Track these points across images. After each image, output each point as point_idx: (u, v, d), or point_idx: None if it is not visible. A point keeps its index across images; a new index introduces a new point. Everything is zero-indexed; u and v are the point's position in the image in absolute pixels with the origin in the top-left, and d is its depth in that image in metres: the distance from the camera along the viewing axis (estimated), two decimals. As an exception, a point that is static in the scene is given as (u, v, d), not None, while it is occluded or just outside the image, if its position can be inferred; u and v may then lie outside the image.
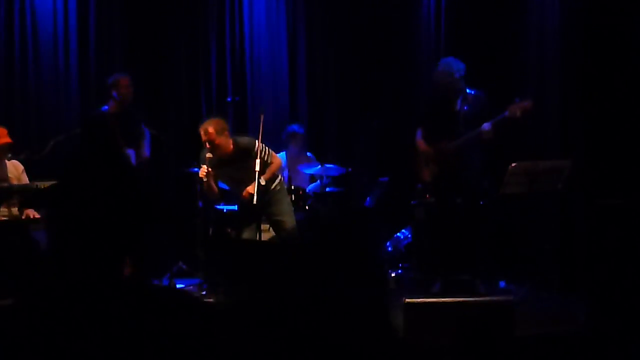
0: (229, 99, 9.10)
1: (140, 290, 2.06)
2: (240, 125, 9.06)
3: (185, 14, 9.53)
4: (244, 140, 7.31)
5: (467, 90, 7.54)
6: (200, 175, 7.16)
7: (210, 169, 7.10)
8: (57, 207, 2.03)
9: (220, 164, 7.19)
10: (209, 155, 7.08)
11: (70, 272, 2.01)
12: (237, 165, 7.22)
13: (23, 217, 7.29)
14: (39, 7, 8.97)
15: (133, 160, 8.00)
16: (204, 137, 7.11)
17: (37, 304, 2.00)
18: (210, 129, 7.09)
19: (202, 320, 2.03)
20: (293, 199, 7.99)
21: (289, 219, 7.36)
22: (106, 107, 8.06)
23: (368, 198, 9.06)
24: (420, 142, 7.70)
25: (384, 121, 9.21)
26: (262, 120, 7.35)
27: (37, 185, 7.05)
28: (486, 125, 7.30)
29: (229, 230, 8.26)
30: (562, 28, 8.14)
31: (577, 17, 8.00)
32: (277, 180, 7.44)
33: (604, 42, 7.71)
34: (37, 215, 7.30)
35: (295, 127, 8.91)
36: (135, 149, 8.07)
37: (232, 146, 7.20)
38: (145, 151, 8.20)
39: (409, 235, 8.77)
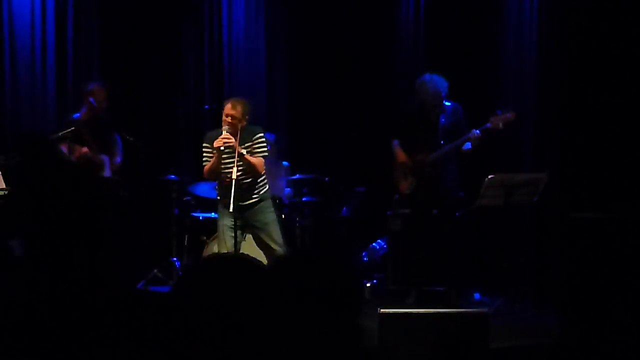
0: (206, 107, 9.07)
1: (118, 294, 2.07)
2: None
3: (164, 22, 9.50)
4: (255, 127, 7.27)
5: (444, 102, 7.57)
6: (218, 144, 6.94)
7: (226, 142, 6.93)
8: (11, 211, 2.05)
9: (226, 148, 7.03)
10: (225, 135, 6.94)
11: (41, 275, 2.02)
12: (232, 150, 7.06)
13: None
14: (16, 14, 8.89)
15: (107, 167, 7.99)
16: (230, 113, 7.02)
17: (14, 309, 2.00)
18: (239, 108, 7.04)
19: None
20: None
21: (275, 228, 7.23)
22: (78, 114, 8.06)
23: (344, 208, 9.06)
24: (399, 153, 7.71)
25: (361, 131, 9.22)
26: (239, 128, 7.33)
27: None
28: (476, 132, 7.31)
29: (205, 238, 8.24)
30: (539, 41, 8.21)
31: (553, 29, 8.07)
32: (264, 189, 7.27)
33: (581, 55, 7.78)
34: None
35: (267, 135, 8.88)
36: (109, 156, 8.06)
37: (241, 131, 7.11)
38: (117, 159, 8.18)
39: (385, 246, 8.77)
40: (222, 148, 6.93)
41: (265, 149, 7.17)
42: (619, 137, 7.48)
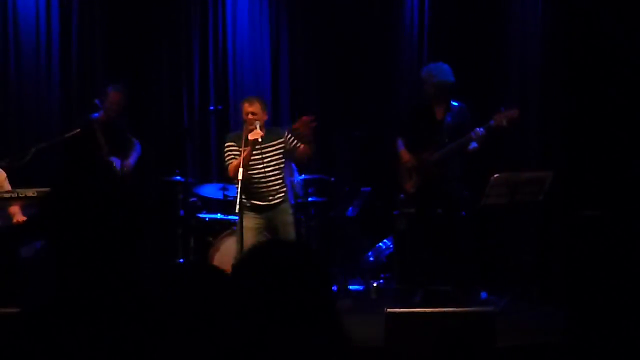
0: (211, 108, 9.09)
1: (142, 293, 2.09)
2: (222, 134, 9.04)
3: (169, 22, 9.51)
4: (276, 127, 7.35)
5: (451, 102, 7.57)
6: (254, 136, 6.87)
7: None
8: (49, 216, 2.05)
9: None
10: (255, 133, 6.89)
11: (68, 278, 2.03)
12: (263, 150, 7.07)
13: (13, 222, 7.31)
14: (21, 12, 8.92)
15: (117, 168, 8.01)
16: (249, 110, 7.01)
17: (39, 312, 2.01)
18: (257, 105, 7.04)
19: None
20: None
21: (292, 230, 7.23)
22: (97, 114, 8.10)
23: (350, 208, 9.07)
24: (404, 153, 7.71)
25: (366, 131, 9.23)
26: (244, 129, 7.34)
27: (18, 194, 7.00)
28: (479, 130, 7.30)
29: (211, 239, 8.25)
30: (544, 38, 8.21)
31: (558, 26, 8.07)
32: (286, 189, 7.31)
33: (585, 52, 7.77)
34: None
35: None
36: (121, 158, 8.07)
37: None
38: (131, 161, 8.18)
39: (391, 246, 8.78)
40: (259, 139, 6.92)
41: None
42: (625, 134, 7.47)
